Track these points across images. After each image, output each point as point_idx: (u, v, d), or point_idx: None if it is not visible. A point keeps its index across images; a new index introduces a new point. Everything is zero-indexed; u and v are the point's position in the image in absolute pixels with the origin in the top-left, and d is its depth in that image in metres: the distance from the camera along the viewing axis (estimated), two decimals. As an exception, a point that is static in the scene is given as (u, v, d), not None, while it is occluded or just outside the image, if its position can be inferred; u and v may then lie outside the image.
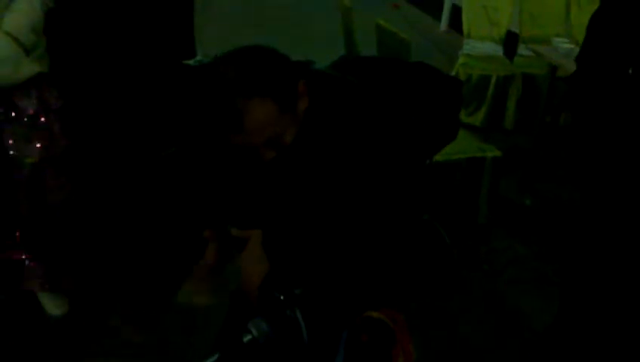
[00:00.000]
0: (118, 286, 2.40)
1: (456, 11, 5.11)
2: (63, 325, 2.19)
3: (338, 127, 1.16)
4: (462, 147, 2.70)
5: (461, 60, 3.98)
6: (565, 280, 1.82)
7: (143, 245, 2.56)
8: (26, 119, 1.90)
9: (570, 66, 1.69)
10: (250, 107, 1.06)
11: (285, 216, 1.25)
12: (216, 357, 1.04)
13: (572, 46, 3.17)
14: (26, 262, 2.07)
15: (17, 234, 2.03)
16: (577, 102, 1.54)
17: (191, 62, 2.67)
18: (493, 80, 3.89)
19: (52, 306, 2.21)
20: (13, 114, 1.89)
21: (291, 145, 1.16)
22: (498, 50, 4.17)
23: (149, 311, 2.29)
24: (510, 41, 4.25)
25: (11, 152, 1.91)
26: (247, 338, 1.08)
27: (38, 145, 1.93)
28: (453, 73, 3.92)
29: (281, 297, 1.10)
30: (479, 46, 4.16)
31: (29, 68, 1.85)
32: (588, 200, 1.60)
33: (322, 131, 1.17)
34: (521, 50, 4.15)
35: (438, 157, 2.54)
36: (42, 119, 1.93)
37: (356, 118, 1.16)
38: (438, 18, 6.34)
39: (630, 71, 1.36)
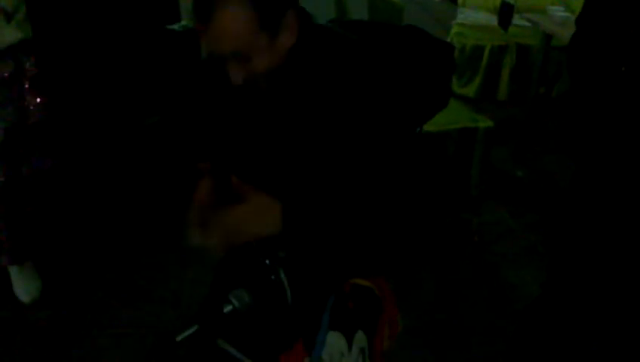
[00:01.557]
0: (103, 257, 2.37)
1: (451, -20, 5.00)
2: (48, 300, 2.15)
3: (327, 79, 1.11)
4: (454, 117, 2.66)
5: (455, 29, 3.92)
6: (552, 251, 1.80)
7: (127, 213, 2.52)
8: (2, 85, 1.82)
9: (566, 35, 1.65)
10: (227, 6, 1.00)
11: (268, 165, 1.21)
12: (194, 328, 1.01)
13: (567, 14, 3.10)
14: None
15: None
16: (576, 67, 1.50)
17: (175, 26, 2.59)
18: (487, 50, 3.83)
19: (21, 290, 2.13)
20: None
21: (268, 89, 1.11)
22: (492, 20, 4.10)
23: (138, 282, 2.26)
24: (505, 10, 4.17)
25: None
26: (227, 308, 1.05)
27: (12, 111, 1.86)
28: (446, 42, 3.85)
29: (267, 261, 1.08)
30: (473, 15, 4.09)
31: (11, 34, 1.78)
32: (582, 170, 1.56)
33: (311, 80, 1.12)
34: (516, 20, 4.07)
35: (430, 128, 2.51)
36: (18, 85, 1.86)
37: (348, 73, 1.11)
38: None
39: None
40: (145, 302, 2.18)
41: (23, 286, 2.13)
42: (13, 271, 2.13)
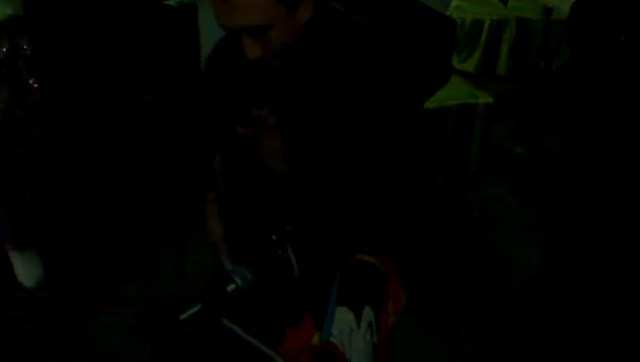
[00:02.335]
0: (103, 237, 2.37)
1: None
2: (49, 280, 2.15)
3: (336, 62, 1.11)
4: (454, 93, 2.64)
5: (454, 3, 3.88)
6: (549, 229, 1.81)
7: (128, 194, 2.51)
8: None
9: (566, 8, 1.62)
10: None
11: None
12: (198, 307, 1.01)
13: (569, -12, 3.06)
14: None
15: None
16: (576, 36, 1.48)
17: (171, 2, 2.54)
18: (486, 24, 3.79)
19: (24, 274, 2.11)
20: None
21: (283, 67, 1.10)
22: (492, -6, 4.06)
23: (139, 261, 2.26)
24: (505, -16, 4.12)
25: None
26: (230, 287, 1.05)
27: (8, 90, 1.83)
28: (446, 16, 3.81)
29: (274, 237, 1.08)
30: (473, -11, 4.04)
31: (1, 10, 1.74)
32: (580, 142, 1.56)
33: (318, 61, 1.11)
34: (516, -7, 4.03)
35: (430, 104, 2.49)
36: (13, 64, 1.83)
37: (356, 57, 1.11)
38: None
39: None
40: (146, 280, 2.18)
41: (26, 271, 2.12)
42: (14, 255, 2.12)
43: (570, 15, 1.50)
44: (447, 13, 3.80)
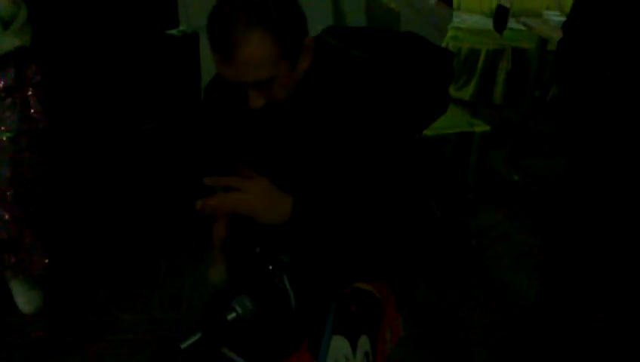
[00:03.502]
0: (102, 262, 2.37)
1: (446, -17, 5.02)
2: (47, 306, 2.15)
3: (336, 98, 1.13)
4: (451, 122, 2.68)
5: (451, 33, 3.94)
6: (546, 256, 1.82)
7: (128, 221, 2.52)
8: (2, 93, 1.82)
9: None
10: (250, 37, 1.00)
11: (274, 179, 1.22)
12: (198, 336, 1.01)
13: (563, 18, 3.12)
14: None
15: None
16: (563, 71, 1.52)
17: (174, 32, 2.59)
18: (482, 53, 3.85)
19: (24, 301, 2.11)
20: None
21: (284, 109, 1.12)
22: (488, 24, 4.11)
23: (137, 287, 2.26)
24: (500, 14, 4.18)
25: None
26: (231, 316, 1.06)
27: (17, 119, 1.85)
28: (442, 46, 3.87)
29: (270, 267, 1.09)
30: (469, 19, 4.11)
31: (9, 42, 1.76)
32: (571, 174, 1.58)
33: (319, 99, 1.14)
34: (511, 23, 4.09)
35: (428, 132, 2.52)
36: (20, 92, 1.85)
37: (357, 92, 1.13)
38: (428, -10, 6.25)
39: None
40: (144, 306, 2.18)
41: (25, 298, 2.12)
42: (14, 283, 2.12)
43: (557, 49, 1.54)
44: (444, 43, 3.87)
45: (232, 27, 1.00)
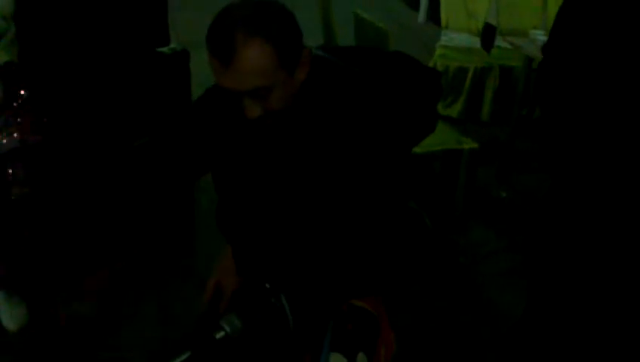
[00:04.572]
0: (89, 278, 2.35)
1: (435, 3, 5.10)
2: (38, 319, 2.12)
3: (331, 113, 1.15)
4: (440, 139, 2.70)
5: (438, 52, 3.98)
6: (532, 273, 1.83)
7: (116, 236, 2.50)
8: None
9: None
10: (250, 45, 1.03)
11: (268, 198, 1.23)
12: (187, 355, 1.01)
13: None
14: None
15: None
16: (543, 93, 1.54)
17: (165, 49, 2.60)
18: (470, 72, 3.89)
19: (8, 319, 2.08)
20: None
21: (278, 122, 1.14)
22: (475, 42, 4.16)
23: (125, 303, 2.24)
24: (487, 33, 4.24)
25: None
26: (219, 335, 1.06)
27: (6, 135, 1.84)
28: (430, 64, 3.91)
29: (267, 285, 1.09)
30: (457, 37, 4.16)
31: None
32: (556, 192, 1.60)
33: (314, 114, 1.15)
34: (499, 42, 4.14)
35: (416, 149, 2.53)
36: (7, 109, 1.85)
37: (351, 106, 1.15)
38: (416, 9, 6.33)
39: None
40: (131, 325, 2.15)
41: (10, 314, 2.09)
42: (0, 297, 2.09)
43: (537, 72, 1.56)
44: (432, 61, 3.91)
45: (233, 34, 1.03)
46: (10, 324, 2.08)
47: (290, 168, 1.19)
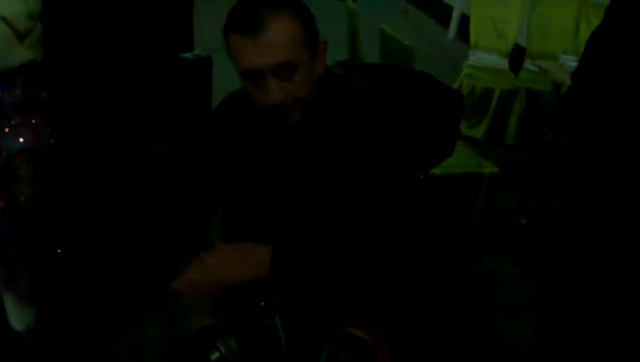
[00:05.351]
0: (95, 287, 2.33)
1: (465, 20, 5.06)
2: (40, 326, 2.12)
3: (341, 131, 1.14)
4: (460, 161, 2.66)
5: (466, 71, 3.94)
6: (539, 306, 1.79)
7: (126, 244, 2.50)
8: (8, 109, 1.82)
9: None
10: (279, 17, 1.05)
11: (278, 212, 1.21)
12: (179, 375, 0.99)
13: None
14: None
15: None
16: (570, 121, 1.50)
17: (188, 55, 2.60)
18: (496, 93, 3.84)
19: (16, 319, 2.10)
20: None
21: (291, 138, 1.14)
22: (504, 64, 4.12)
23: (127, 314, 2.22)
24: (517, 55, 4.19)
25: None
26: (214, 356, 1.04)
27: (19, 137, 1.85)
28: (457, 84, 3.87)
29: (262, 304, 1.07)
30: (485, 58, 4.11)
31: (21, 54, 1.79)
32: (574, 222, 1.56)
33: (325, 132, 1.15)
34: (527, 64, 4.09)
35: (435, 171, 2.50)
36: (29, 108, 1.85)
37: (362, 126, 1.14)
38: (447, 26, 6.28)
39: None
40: (134, 330, 2.14)
41: (18, 315, 2.10)
42: (9, 300, 2.10)
43: (564, 98, 1.52)
44: (459, 80, 3.87)
45: (261, 7, 1.05)
46: (18, 324, 2.10)
47: (302, 185, 1.18)
